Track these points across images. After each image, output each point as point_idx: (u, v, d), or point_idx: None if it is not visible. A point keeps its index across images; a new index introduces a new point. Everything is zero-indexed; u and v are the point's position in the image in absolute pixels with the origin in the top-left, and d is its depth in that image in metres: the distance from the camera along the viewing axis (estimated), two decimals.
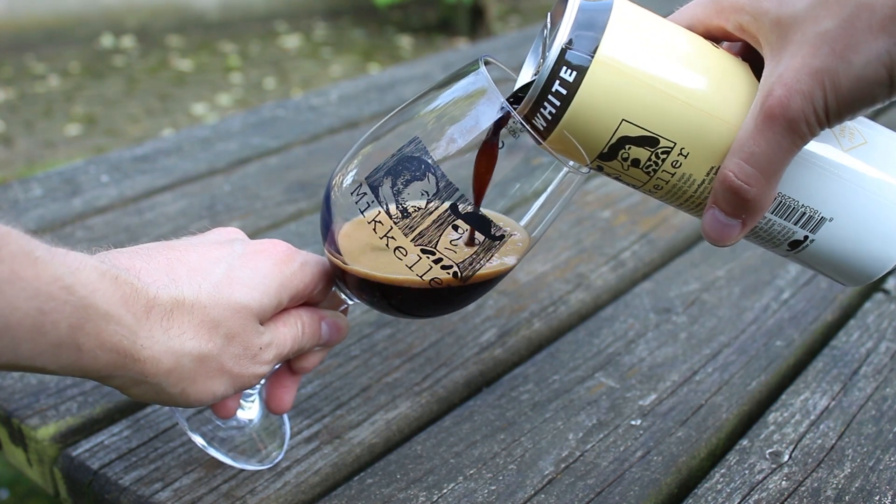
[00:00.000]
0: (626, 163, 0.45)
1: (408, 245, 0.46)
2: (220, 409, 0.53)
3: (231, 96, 3.59)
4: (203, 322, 0.44)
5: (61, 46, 4.03)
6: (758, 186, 0.43)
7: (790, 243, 0.48)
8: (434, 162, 0.45)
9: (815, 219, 0.46)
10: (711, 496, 0.55)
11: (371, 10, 4.83)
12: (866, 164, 0.46)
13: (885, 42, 0.39)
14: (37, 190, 0.96)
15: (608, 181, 1.00)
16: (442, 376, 0.66)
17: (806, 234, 0.47)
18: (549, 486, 0.55)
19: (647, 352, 0.69)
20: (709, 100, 0.44)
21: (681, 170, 0.45)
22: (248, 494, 0.54)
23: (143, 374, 0.43)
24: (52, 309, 0.38)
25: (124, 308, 0.41)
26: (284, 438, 0.58)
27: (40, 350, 0.38)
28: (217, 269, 0.46)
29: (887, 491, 0.55)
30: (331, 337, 0.53)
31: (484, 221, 0.46)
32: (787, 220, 0.47)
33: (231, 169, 1.03)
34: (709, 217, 0.45)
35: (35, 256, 0.37)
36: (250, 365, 0.47)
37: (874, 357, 0.69)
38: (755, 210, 0.44)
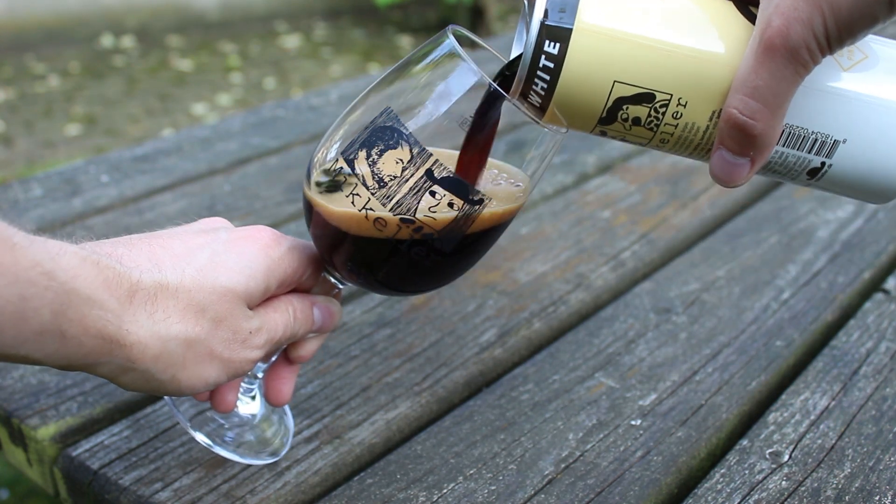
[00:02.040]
0: (626, 123, 0.45)
1: (386, 216, 0.46)
2: (220, 402, 0.53)
3: (231, 96, 3.59)
4: (188, 306, 0.44)
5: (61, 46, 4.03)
6: (764, 121, 0.42)
7: (808, 172, 0.47)
8: (407, 130, 0.45)
9: (829, 143, 0.45)
10: (711, 496, 0.55)
11: (371, 10, 4.83)
12: (870, 79, 0.45)
13: None
14: (37, 190, 0.96)
15: (608, 181, 1.00)
16: (442, 376, 0.66)
17: (822, 161, 0.46)
18: (549, 486, 0.55)
19: (647, 352, 0.69)
20: (697, 44, 0.43)
21: (683, 119, 0.44)
22: (248, 494, 0.54)
23: (130, 360, 0.42)
24: (33, 295, 0.37)
25: (107, 293, 0.40)
26: (289, 431, 0.58)
27: (24, 338, 0.38)
28: (201, 255, 0.46)
29: (887, 491, 0.55)
30: (324, 322, 0.52)
31: (461, 186, 0.46)
32: (799, 150, 0.45)
33: (231, 169, 1.03)
34: (716, 158, 0.44)
35: (13, 242, 0.37)
36: (241, 349, 0.46)
37: (874, 357, 0.69)
38: (763, 145, 0.43)
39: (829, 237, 0.88)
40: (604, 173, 1.03)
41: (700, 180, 1.01)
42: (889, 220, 0.92)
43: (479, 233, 0.48)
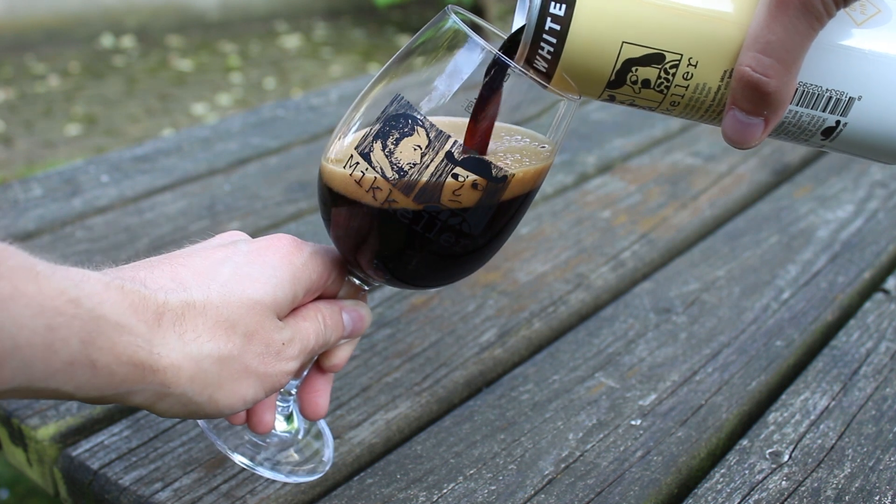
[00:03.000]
0: (636, 86, 0.44)
1: (410, 206, 0.45)
2: (258, 424, 0.51)
3: (231, 96, 3.59)
4: (218, 323, 0.43)
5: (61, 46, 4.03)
6: (777, 77, 0.40)
7: (823, 132, 0.45)
8: (421, 114, 0.44)
9: (844, 101, 0.44)
10: (711, 496, 0.55)
11: (371, 10, 4.83)
12: (885, 34, 0.44)
13: None
14: (37, 190, 0.96)
15: (608, 181, 1.00)
16: (442, 376, 0.66)
17: (837, 119, 0.44)
18: (549, 486, 0.55)
19: (647, 352, 0.69)
20: (708, 2, 0.42)
21: (693, 80, 0.43)
22: (248, 494, 0.54)
23: (165, 384, 0.41)
24: (60, 325, 0.36)
25: (134, 317, 0.39)
26: (329, 444, 0.57)
27: (53, 370, 0.36)
28: (224, 269, 0.45)
29: (887, 491, 0.55)
30: (354, 327, 0.51)
31: (483, 165, 0.45)
32: (813, 108, 0.44)
33: (231, 169, 1.03)
34: (729, 119, 0.43)
35: (37, 271, 0.36)
36: (275, 362, 0.45)
37: (874, 357, 0.69)
38: (777, 104, 0.41)
39: (829, 237, 0.88)
40: (604, 173, 1.03)
41: (700, 180, 1.01)
42: (889, 220, 0.92)
43: (507, 209, 0.47)
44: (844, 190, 0.99)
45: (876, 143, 0.46)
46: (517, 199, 0.47)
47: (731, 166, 1.05)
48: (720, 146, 1.11)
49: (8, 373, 0.35)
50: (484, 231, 0.47)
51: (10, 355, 0.35)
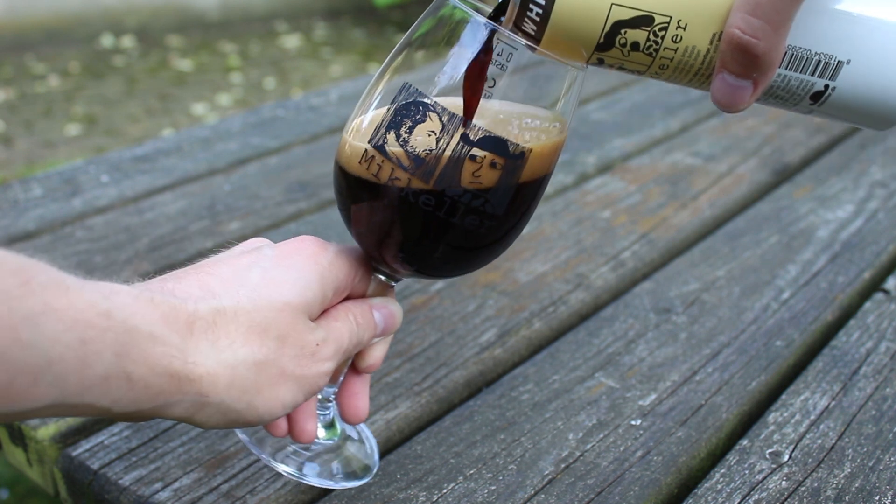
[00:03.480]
0: (625, 49, 0.43)
1: (432, 192, 0.45)
2: (301, 433, 0.51)
3: (231, 96, 3.59)
4: (250, 328, 0.42)
5: (61, 46, 4.03)
6: (766, 39, 0.40)
7: (811, 97, 0.45)
8: (431, 99, 0.44)
9: (832, 64, 0.44)
10: (711, 496, 0.55)
11: (371, 10, 4.83)
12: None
13: None
14: (37, 190, 0.96)
15: (608, 181, 1.00)
16: (442, 376, 0.66)
17: (826, 84, 0.44)
18: (549, 486, 0.55)
19: (647, 352, 0.69)
20: None
21: (682, 43, 0.43)
22: (248, 494, 0.54)
23: (203, 394, 0.40)
24: (92, 338, 0.35)
25: (167, 327, 0.39)
26: (373, 446, 0.57)
27: (88, 384, 0.36)
28: (251, 275, 0.44)
29: (887, 491, 0.55)
30: (386, 324, 0.51)
31: (499, 142, 0.44)
32: (802, 72, 0.44)
33: (231, 169, 1.03)
34: (718, 82, 0.42)
35: (66, 285, 0.35)
36: (311, 364, 0.45)
37: (874, 357, 0.69)
38: (766, 66, 0.41)
39: (829, 237, 0.88)
40: (604, 173, 1.03)
41: (700, 180, 1.01)
42: (889, 220, 0.92)
43: (528, 185, 0.47)
44: (844, 190, 0.99)
45: (864, 108, 0.46)
46: (537, 175, 0.47)
47: (731, 166, 1.05)
48: (720, 146, 1.11)
49: (43, 389, 0.35)
50: (507, 210, 0.47)
51: (44, 371, 0.34)
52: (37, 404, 0.35)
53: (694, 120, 1.21)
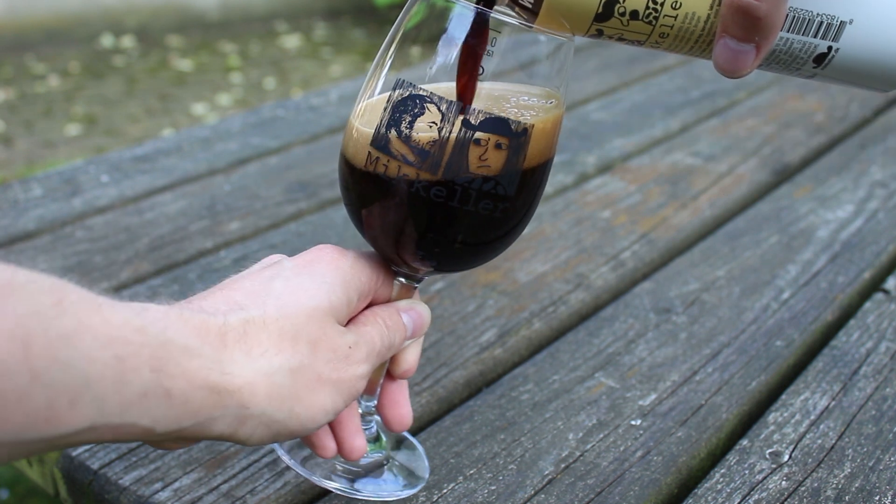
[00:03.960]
0: (624, 18, 0.43)
1: (442, 183, 0.44)
2: (351, 451, 0.50)
3: (231, 96, 3.59)
4: (281, 335, 0.42)
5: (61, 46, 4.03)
6: (767, 1, 0.40)
7: (815, 59, 0.45)
8: (427, 90, 0.44)
9: (835, 25, 0.44)
10: (711, 496, 0.55)
11: (371, 10, 4.83)
12: None
13: None
14: (37, 190, 0.96)
15: (608, 181, 1.00)
16: (442, 376, 0.66)
17: (829, 45, 0.44)
18: (549, 486, 0.55)
19: (647, 352, 0.69)
20: None
21: (682, 9, 0.43)
22: (248, 494, 0.54)
23: (243, 405, 0.40)
24: (129, 354, 0.35)
25: (200, 340, 0.39)
26: (420, 454, 0.57)
27: (128, 402, 0.35)
28: (275, 285, 0.44)
29: (887, 491, 0.55)
30: (415, 325, 0.51)
31: (500, 122, 0.44)
32: (804, 35, 0.44)
33: (231, 169, 1.03)
34: (720, 47, 0.42)
35: (99, 303, 0.35)
36: (346, 367, 0.45)
37: (874, 357, 0.69)
38: (768, 29, 0.41)
39: (829, 237, 0.88)
40: (604, 173, 1.03)
41: (700, 180, 1.01)
42: (889, 220, 0.92)
43: (535, 161, 0.47)
44: (844, 190, 0.99)
45: (868, 69, 0.45)
46: (542, 150, 0.47)
47: (731, 166, 1.05)
48: (720, 146, 1.11)
49: (83, 410, 0.34)
50: (519, 190, 0.46)
51: (83, 390, 0.34)
52: (78, 426, 0.34)
53: (694, 120, 1.21)
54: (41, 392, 0.33)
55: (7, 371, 0.32)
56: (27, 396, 0.32)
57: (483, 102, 0.45)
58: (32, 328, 0.33)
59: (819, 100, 1.28)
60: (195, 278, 0.79)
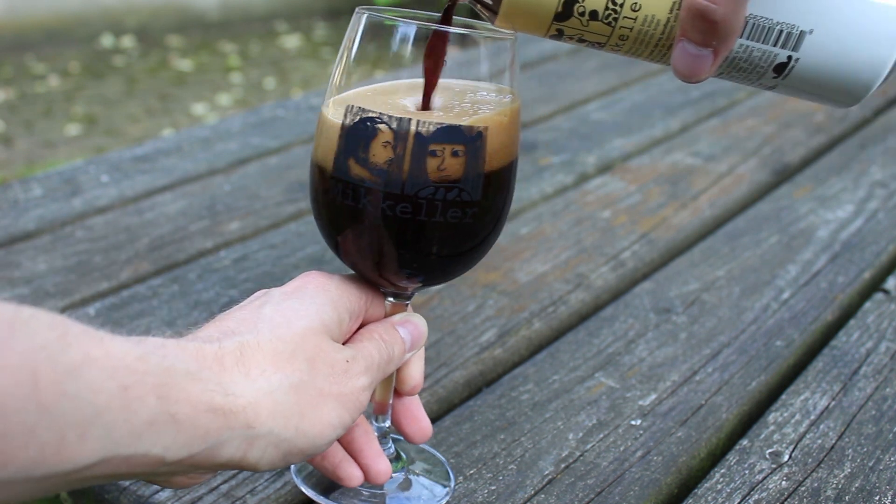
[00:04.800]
0: (584, 18, 0.43)
1: (407, 199, 0.45)
2: (377, 475, 0.50)
3: (231, 96, 3.59)
4: (277, 355, 0.42)
5: (61, 46, 4.03)
6: (725, 5, 0.40)
7: (775, 69, 0.45)
8: (376, 112, 0.45)
9: (794, 34, 0.43)
10: (711, 496, 0.55)
11: None
12: None
13: None
14: (37, 190, 0.96)
15: (608, 181, 1.00)
16: (442, 376, 0.66)
17: (789, 54, 0.44)
18: (549, 486, 0.55)
19: (647, 352, 0.69)
20: None
21: (642, 12, 0.43)
22: (248, 494, 0.54)
23: (249, 425, 0.40)
24: (133, 383, 0.35)
25: (199, 364, 0.39)
26: (442, 461, 0.57)
27: (137, 432, 0.36)
28: (265, 311, 0.45)
29: (887, 491, 0.55)
30: (413, 338, 0.51)
31: (452, 129, 0.45)
32: (764, 42, 0.43)
33: (231, 169, 1.03)
34: (678, 50, 0.42)
35: (100, 335, 0.36)
36: (346, 380, 0.45)
37: (874, 357, 0.69)
38: (726, 33, 0.41)
39: (829, 237, 0.88)
40: (604, 173, 1.03)
41: (700, 180, 1.01)
42: (889, 220, 0.92)
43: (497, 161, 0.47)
44: (844, 190, 0.99)
45: (829, 82, 0.45)
46: (503, 149, 0.47)
47: (731, 166, 1.05)
48: (720, 146, 1.11)
49: (93, 442, 0.34)
50: (485, 192, 0.47)
51: (91, 423, 0.34)
52: (89, 459, 0.35)
53: (694, 120, 1.21)
54: (50, 425, 0.33)
55: (16, 406, 0.32)
56: (36, 431, 0.33)
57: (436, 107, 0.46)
58: (39, 362, 0.33)
59: None
60: (195, 278, 0.79)
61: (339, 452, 0.50)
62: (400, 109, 0.45)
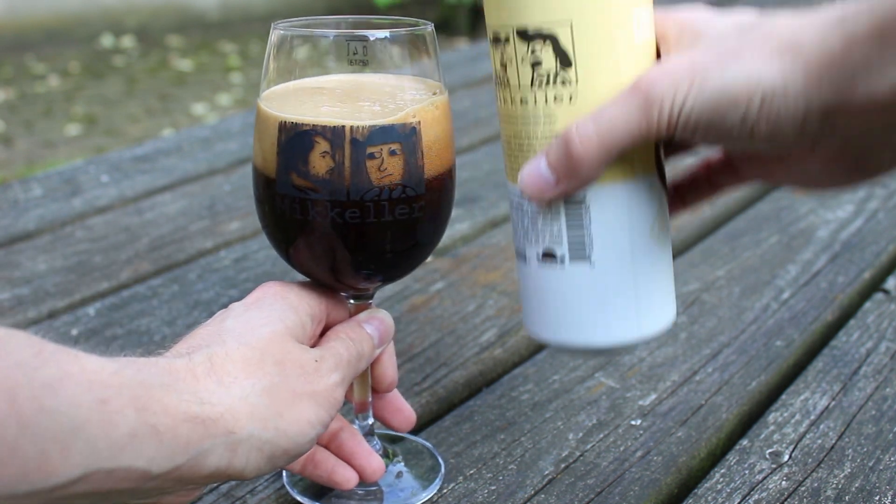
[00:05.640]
0: (533, 55, 0.43)
1: (355, 205, 0.46)
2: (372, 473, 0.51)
3: (231, 96, 3.59)
4: (246, 361, 0.43)
5: (61, 46, 4.03)
6: (586, 146, 0.41)
7: (545, 253, 0.45)
8: (308, 123, 0.45)
9: (587, 251, 0.44)
10: (711, 496, 0.55)
11: (371, 11, 4.83)
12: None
13: (764, 63, 0.38)
14: (37, 190, 0.96)
15: None
16: (442, 376, 0.66)
17: (564, 255, 0.45)
18: (549, 486, 0.55)
19: (647, 352, 0.69)
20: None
21: (538, 105, 0.43)
22: (248, 494, 0.54)
23: (229, 431, 0.40)
24: (110, 396, 0.36)
25: (172, 377, 0.40)
26: (429, 448, 0.58)
27: (119, 445, 0.36)
28: (228, 323, 0.45)
29: (887, 491, 0.55)
30: (380, 333, 0.51)
31: (386, 130, 0.45)
32: (568, 227, 0.44)
33: (231, 169, 1.03)
34: (533, 160, 0.43)
35: (74, 352, 0.36)
36: (318, 378, 0.45)
37: (874, 357, 0.69)
38: (573, 171, 0.42)
39: (829, 237, 0.88)
40: None
41: None
42: (889, 220, 0.92)
43: (436, 151, 0.48)
44: (844, 190, 0.99)
45: (557, 305, 0.46)
46: (439, 138, 0.48)
47: None
48: None
49: (76, 457, 0.35)
50: (429, 184, 0.47)
51: (72, 438, 0.34)
52: (72, 475, 0.35)
53: None
54: (31, 441, 0.33)
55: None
56: (18, 447, 0.33)
57: (368, 112, 0.46)
58: (17, 379, 0.33)
59: None
60: (195, 278, 0.79)
61: (331, 459, 0.51)
62: (333, 115, 0.46)
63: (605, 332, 0.46)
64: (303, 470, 0.51)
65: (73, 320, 0.73)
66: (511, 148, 0.46)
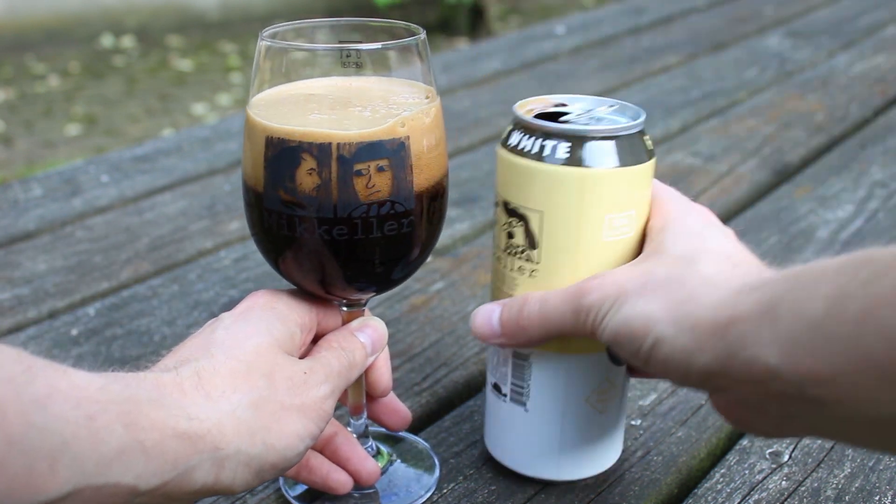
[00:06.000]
0: (509, 226, 0.49)
1: (343, 222, 0.45)
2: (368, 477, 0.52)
3: (231, 96, 3.59)
4: (233, 374, 0.43)
5: (61, 46, 4.03)
6: (530, 321, 0.47)
7: (494, 384, 0.53)
8: (295, 139, 0.44)
9: (524, 398, 0.52)
10: (711, 496, 0.55)
11: (371, 11, 4.83)
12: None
13: (663, 311, 0.42)
14: (37, 190, 0.96)
15: None
16: (442, 376, 0.66)
17: (507, 394, 0.52)
18: (548, 486, 0.55)
19: None
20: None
21: (514, 258, 0.50)
22: (248, 494, 0.54)
23: (217, 446, 0.40)
24: (98, 412, 0.36)
25: (159, 392, 0.40)
26: (423, 444, 0.58)
27: (107, 460, 0.36)
28: (216, 335, 0.45)
29: (887, 491, 0.55)
30: (373, 341, 0.51)
31: (374, 146, 0.44)
32: (513, 374, 0.52)
33: (231, 169, 1.03)
34: (489, 307, 0.50)
35: (63, 368, 0.36)
36: (306, 391, 0.45)
37: None
38: (516, 334, 0.48)
39: (829, 237, 0.88)
40: None
41: (700, 180, 1.01)
42: (889, 220, 0.92)
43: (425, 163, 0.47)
44: (844, 190, 0.99)
45: (498, 435, 0.55)
46: (429, 150, 0.47)
47: (731, 166, 1.05)
48: (720, 146, 1.11)
49: (63, 473, 0.34)
50: (418, 198, 0.46)
51: (60, 453, 0.34)
52: (60, 491, 0.35)
53: (694, 120, 1.21)
54: (19, 457, 0.33)
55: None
56: (6, 463, 0.33)
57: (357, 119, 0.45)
58: (5, 395, 0.33)
59: (819, 100, 1.28)
60: (195, 278, 0.79)
61: (325, 465, 0.51)
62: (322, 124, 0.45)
63: (529, 465, 0.54)
64: (297, 475, 0.51)
65: (73, 320, 0.73)
66: (492, 280, 0.53)
